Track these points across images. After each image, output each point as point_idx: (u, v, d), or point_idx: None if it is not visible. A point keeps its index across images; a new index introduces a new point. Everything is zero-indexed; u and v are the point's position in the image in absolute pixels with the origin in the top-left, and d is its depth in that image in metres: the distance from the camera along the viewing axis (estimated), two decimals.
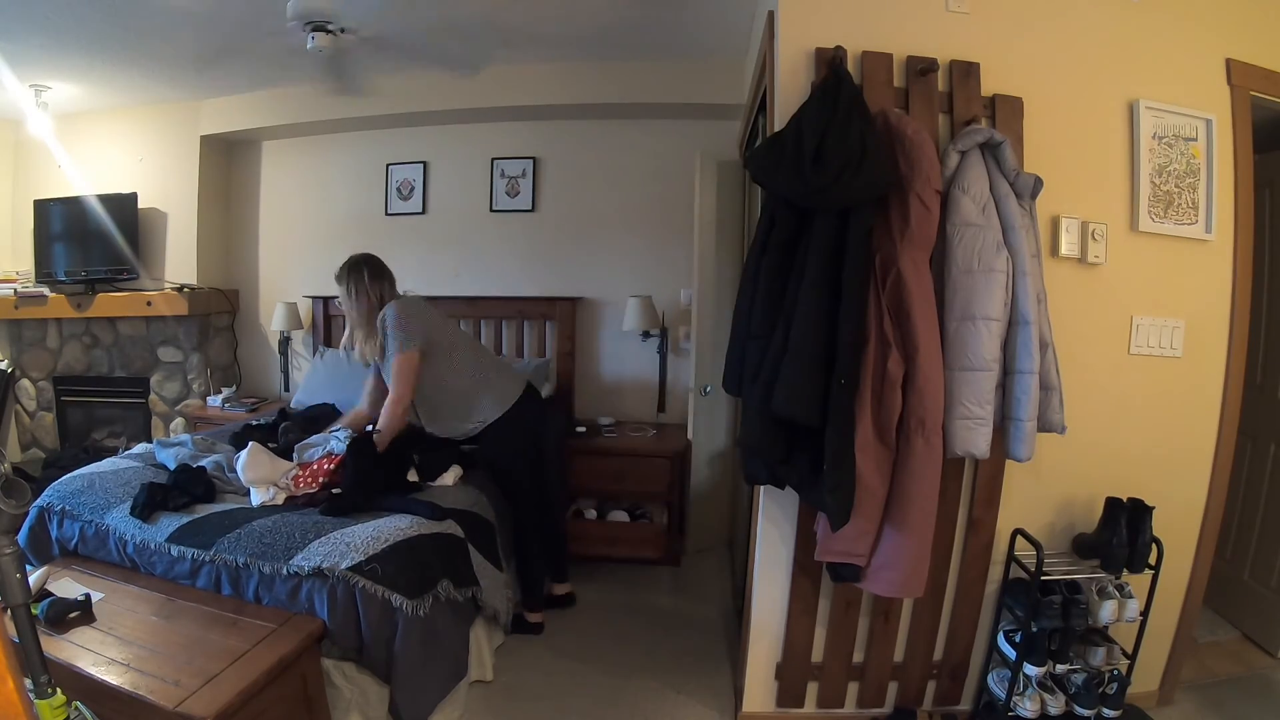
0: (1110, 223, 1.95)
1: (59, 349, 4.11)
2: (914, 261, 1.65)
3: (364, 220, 3.97)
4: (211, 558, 1.94)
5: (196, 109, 3.86)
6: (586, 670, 2.40)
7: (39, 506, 2.23)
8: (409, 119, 3.73)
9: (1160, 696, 2.18)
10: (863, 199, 1.62)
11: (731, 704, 2.21)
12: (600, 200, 3.70)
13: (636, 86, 3.36)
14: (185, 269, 3.94)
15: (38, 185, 4.00)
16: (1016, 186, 1.72)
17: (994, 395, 1.69)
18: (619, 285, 3.66)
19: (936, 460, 1.67)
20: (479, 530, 2.29)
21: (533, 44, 3.14)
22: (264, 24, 2.75)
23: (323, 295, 3.98)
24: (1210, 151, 1.97)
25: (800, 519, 1.98)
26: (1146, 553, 1.87)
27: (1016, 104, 1.87)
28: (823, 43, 1.82)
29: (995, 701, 1.99)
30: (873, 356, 1.64)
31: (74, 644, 1.67)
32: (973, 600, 2.04)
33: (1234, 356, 2.04)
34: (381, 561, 1.85)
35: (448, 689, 2.02)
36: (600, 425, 3.52)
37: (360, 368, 3.63)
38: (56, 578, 1.99)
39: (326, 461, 2.32)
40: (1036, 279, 1.71)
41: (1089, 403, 1.94)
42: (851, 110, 1.64)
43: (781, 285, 1.71)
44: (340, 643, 1.84)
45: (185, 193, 3.92)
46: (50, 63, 3.20)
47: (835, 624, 2.05)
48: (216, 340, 4.11)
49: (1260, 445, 2.63)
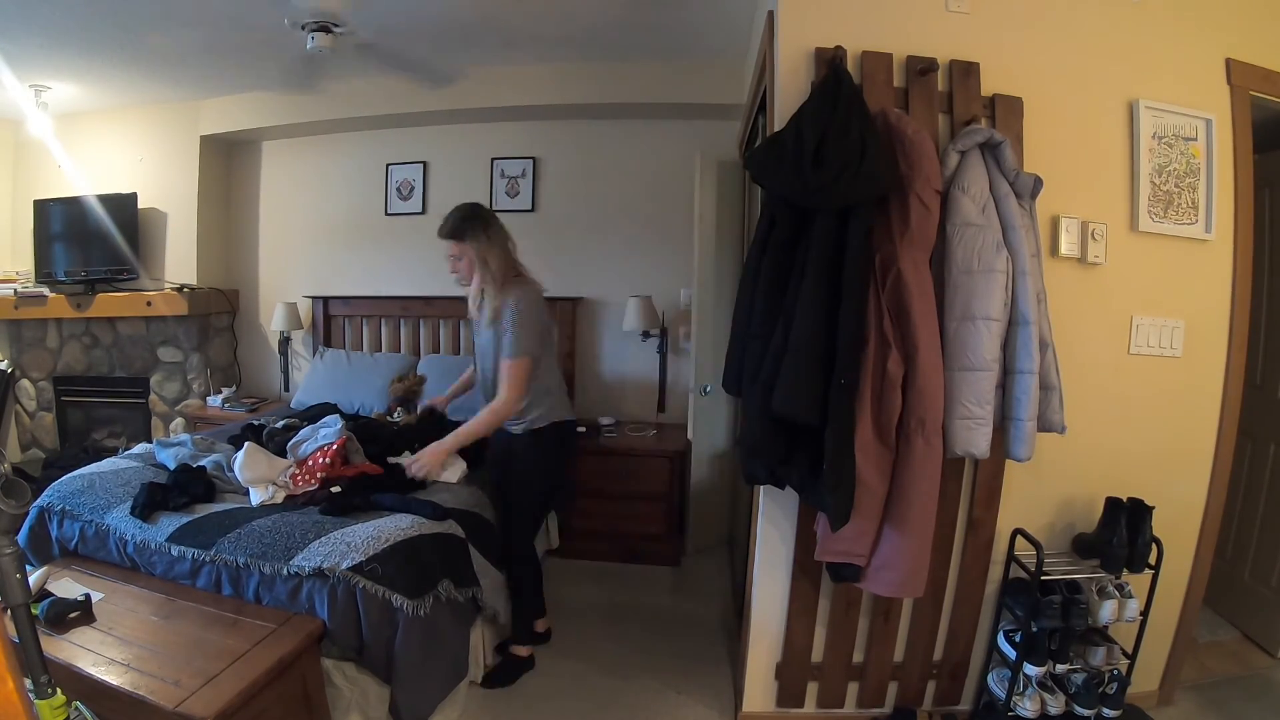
0: (1110, 222, 1.95)
1: (59, 349, 4.11)
2: (914, 261, 1.65)
3: (364, 220, 3.97)
4: (212, 558, 1.94)
5: (196, 109, 3.87)
6: (586, 670, 2.40)
7: (39, 506, 2.23)
8: (409, 119, 3.73)
9: (1160, 696, 2.18)
10: (863, 199, 1.62)
11: (731, 704, 2.21)
12: (600, 200, 3.70)
13: (637, 86, 3.36)
14: (185, 269, 3.94)
15: (38, 185, 4.00)
16: (1016, 186, 1.72)
17: (994, 395, 1.69)
18: (619, 285, 3.66)
19: (936, 460, 1.67)
20: (480, 530, 2.28)
21: (533, 44, 3.15)
22: (264, 24, 2.75)
23: (323, 295, 3.98)
24: (1210, 151, 1.97)
25: (800, 519, 1.98)
26: (1146, 552, 1.87)
27: (1016, 104, 1.87)
28: (823, 43, 1.82)
29: (995, 701, 1.99)
30: (873, 356, 1.64)
31: (74, 644, 1.67)
32: (973, 600, 2.04)
33: (1234, 356, 2.03)
34: (382, 561, 1.85)
35: (448, 689, 2.02)
36: (600, 425, 3.52)
37: (360, 368, 3.66)
38: (56, 578, 1.99)
39: (322, 456, 2.32)
40: (1036, 279, 1.71)
41: (1089, 403, 1.94)
42: (851, 110, 1.64)
43: (781, 285, 1.71)
44: (340, 643, 1.84)
45: (185, 193, 3.92)
46: (50, 63, 3.20)
47: (835, 624, 2.05)
48: (216, 340, 4.11)
49: (1260, 445, 2.63)
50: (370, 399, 3.46)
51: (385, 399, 3.41)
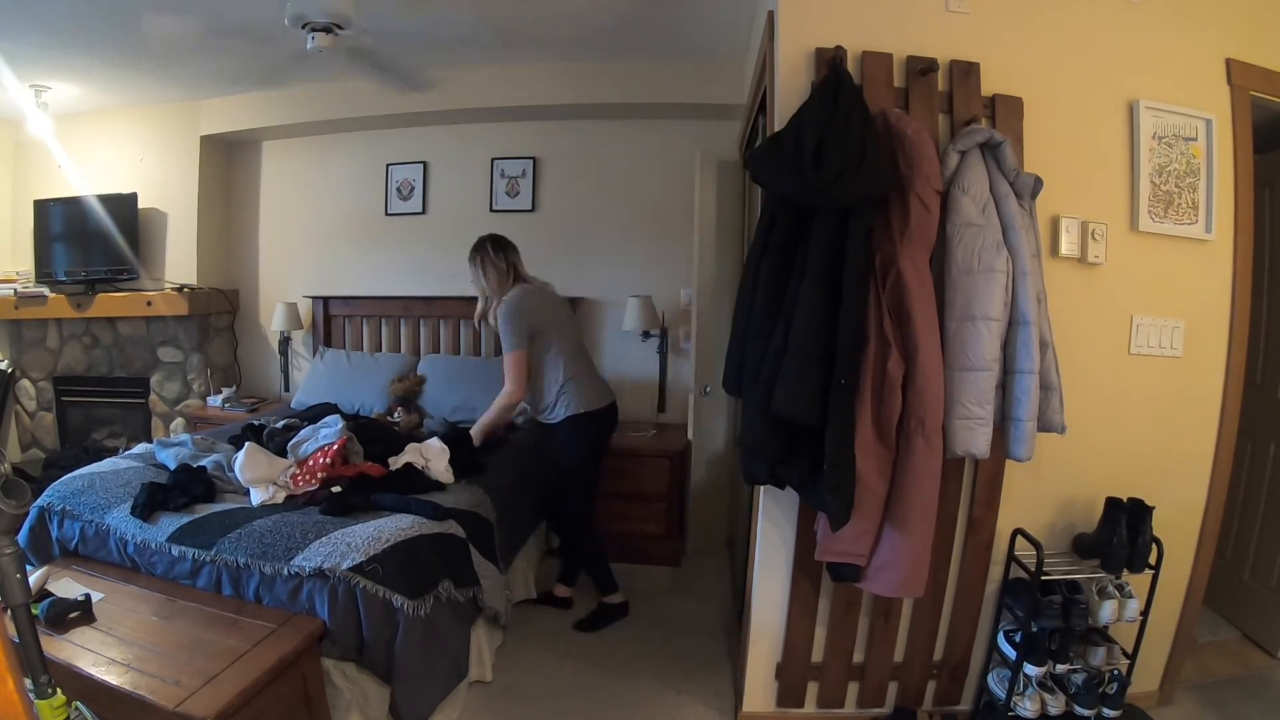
0: (1110, 223, 1.95)
1: (59, 349, 4.11)
2: (914, 261, 1.65)
3: (364, 220, 3.98)
4: (212, 558, 1.94)
5: (196, 109, 3.87)
6: (586, 670, 2.40)
7: (39, 506, 2.23)
8: (409, 119, 3.73)
9: (1160, 696, 2.18)
10: (863, 199, 1.62)
11: (732, 704, 2.21)
12: (600, 200, 3.70)
13: (636, 86, 3.36)
14: (185, 269, 3.94)
15: (38, 185, 4.00)
16: (1016, 186, 1.72)
17: (994, 395, 1.69)
18: (619, 285, 3.66)
19: (936, 460, 1.67)
20: (480, 530, 2.28)
21: (533, 44, 3.15)
22: (264, 24, 2.75)
23: (323, 295, 3.98)
24: (1210, 151, 1.97)
25: (800, 519, 1.98)
26: (1146, 553, 1.87)
27: (1016, 104, 1.87)
28: (823, 43, 1.82)
29: (995, 701, 1.99)
30: (873, 356, 1.64)
31: (74, 644, 1.67)
32: (973, 600, 2.04)
33: (1234, 356, 2.03)
34: (382, 562, 1.85)
35: (448, 689, 2.02)
36: None
37: (360, 368, 3.67)
38: (57, 578, 1.99)
39: (322, 455, 2.33)
40: (1036, 279, 1.71)
41: (1089, 403, 1.94)
42: (851, 110, 1.64)
43: (782, 285, 1.71)
44: (341, 643, 1.84)
45: (185, 193, 3.92)
46: (50, 63, 3.20)
47: (835, 624, 2.05)
48: (216, 340, 4.11)
49: (1260, 445, 2.63)
50: (370, 399, 3.46)
51: (385, 399, 3.41)
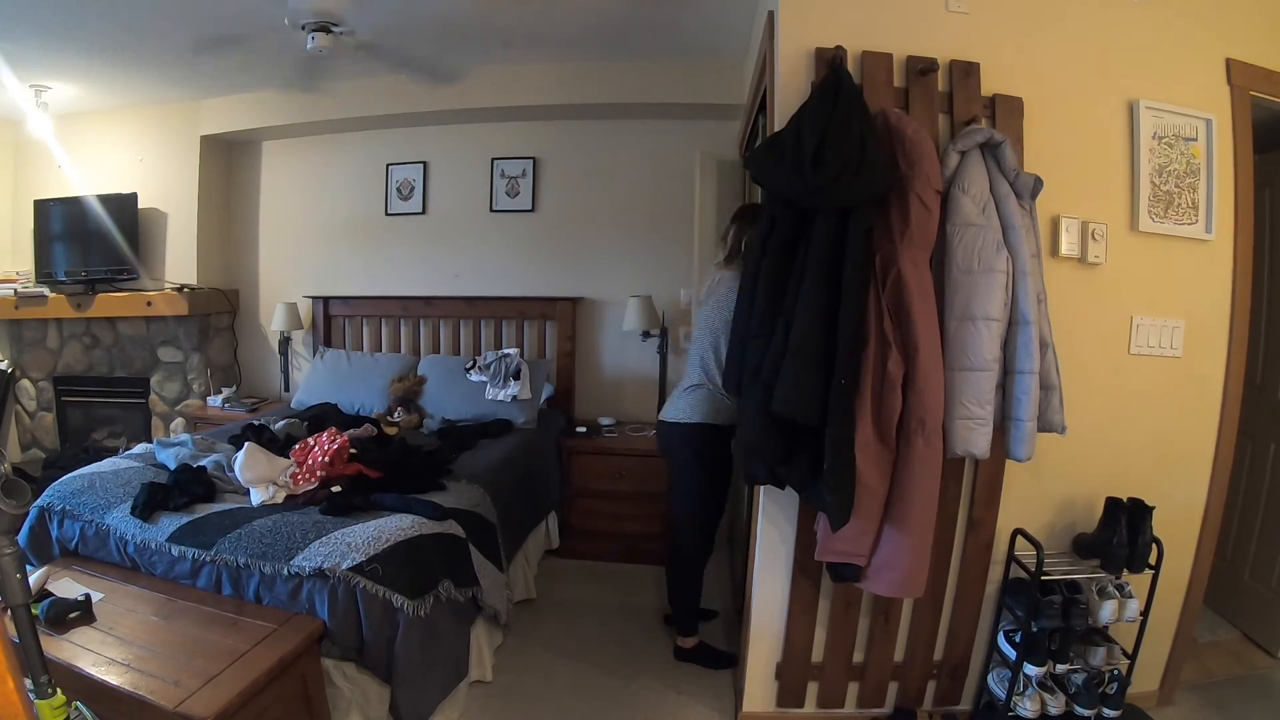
0: (1110, 223, 1.95)
1: (59, 349, 4.11)
2: (914, 261, 1.65)
3: (364, 220, 3.98)
4: (212, 558, 1.94)
5: (196, 109, 3.87)
6: (586, 671, 2.40)
7: (39, 506, 2.23)
8: (409, 119, 3.73)
9: (1160, 696, 2.18)
10: (863, 199, 1.62)
11: (731, 704, 2.21)
12: (600, 200, 3.70)
13: (636, 86, 3.36)
14: (185, 269, 3.94)
15: (38, 185, 4.00)
16: (1016, 186, 1.72)
17: (994, 395, 1.69)
18: (619, 285, 3.66)
19: (937, 460, 1.67)
20: (480, 530, 2.29)
21: (533, 44, 3.14)
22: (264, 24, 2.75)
23: (323, 295, 3.98)
24: (1210, 151, 1.97)
25: (800, 519, 1.98)
26: (1146, 552, 1.87)
27: (1016, 104, 1.87)
28: (823, 43, 1.82)
29: (995, 701, 1.99)
30: (873, 356, 1.64)
31: (74, 644, 1.67)
32: (973, 600, 2.04)
33: (1234, 356, 2.04)
34: (382, 562, 1.85)
35: (448, 689, 2.02)
36: (600, 425, 3.52)
37: (360, 368, 3.67)
38: (57, 578, 1.99)
39: (323, 455, 2.33)
40: (1037, 279, 1.71)
41: (1089, 403, 1.94)
42: (851, 110, 1.64)
43: (782, 285, 1.71)
44: (341, 643, 1.84)
45: (185, 193, 3.92)
46: (50, 63, 3.20)
47: (835, 624, 2.05)
48: (216, 340, 4.11)
49: (1260, 445, 2.63)
50: (370, 399, 3.46)
51: (385, 399, 3.41)
